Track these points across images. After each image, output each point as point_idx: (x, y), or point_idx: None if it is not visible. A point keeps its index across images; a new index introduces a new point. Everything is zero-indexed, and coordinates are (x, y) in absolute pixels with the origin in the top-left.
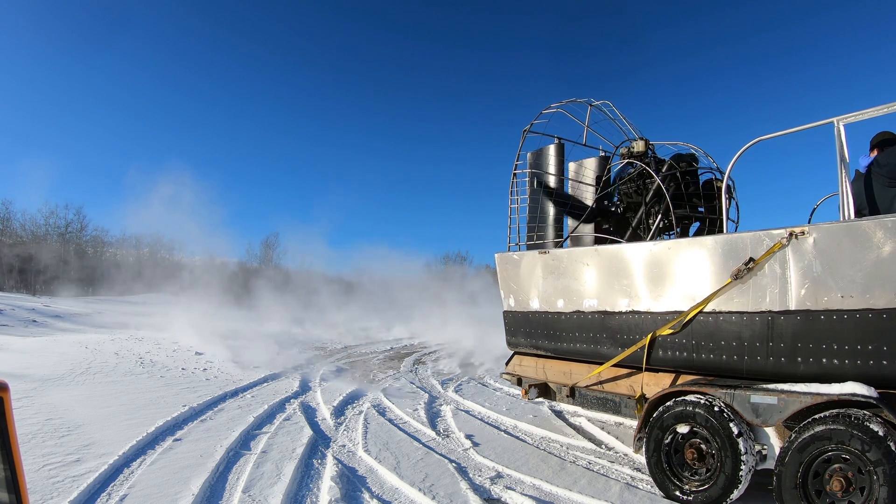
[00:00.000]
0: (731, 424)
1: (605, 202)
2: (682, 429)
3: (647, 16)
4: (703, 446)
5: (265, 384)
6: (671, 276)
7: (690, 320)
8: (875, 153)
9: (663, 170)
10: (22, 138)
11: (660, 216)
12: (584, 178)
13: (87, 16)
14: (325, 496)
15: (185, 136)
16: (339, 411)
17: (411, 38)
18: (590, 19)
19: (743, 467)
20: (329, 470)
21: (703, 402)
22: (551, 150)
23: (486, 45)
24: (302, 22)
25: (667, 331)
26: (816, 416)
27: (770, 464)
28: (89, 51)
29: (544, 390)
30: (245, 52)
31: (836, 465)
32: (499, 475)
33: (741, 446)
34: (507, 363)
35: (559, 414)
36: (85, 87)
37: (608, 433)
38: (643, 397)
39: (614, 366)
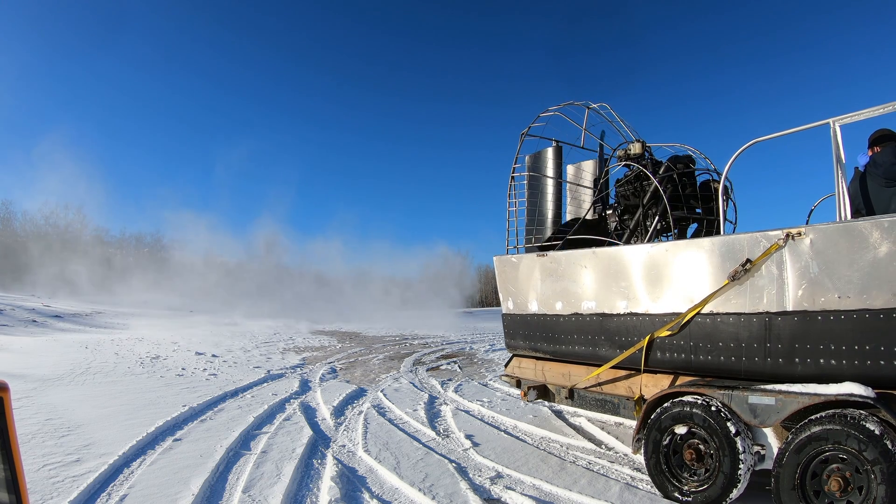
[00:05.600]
0: (729, 424)
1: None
2: (681, 429)
3: (647, 17)
4: (701, 447)
5: (265, 384)
6: (669, 277)
7: (688, 322)
8: (872, 151)
9: (660, 171)
10: (22, 138)
11: (657, 218)
12: (582, 181)
13: (88, 16)
14: (325, 496)
15: (184, 136)
16: (338, 411)
17: (411, 40)
18: (590, 20)
19: (741, 466)
20: (329, 470)
21: (700, 402)
22: (549, 153)
23: (486, 46)
24: (302, 22)
25: (665, 332)
26: (814, 417)
27: (768, 464)
28: (89, 51)
29: (543, 392)
30: (244, 53)
31: (833, 465)
32: (499, 475)
33: (739, 445)
34: (506, 365)
35: (559, 414)
36: (84, 87)
37: (608, 433)
38: (642, 398)
39: (613, 367)
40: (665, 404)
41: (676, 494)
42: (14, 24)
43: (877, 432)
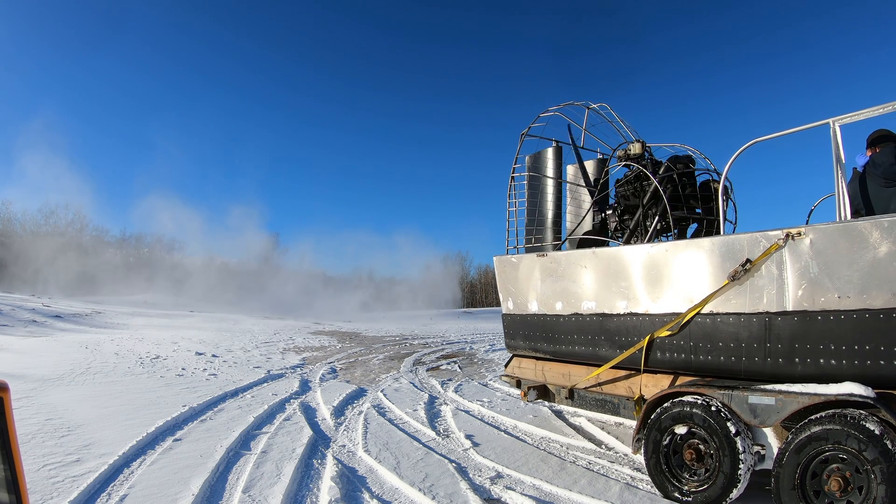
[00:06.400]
0: (729, 423)
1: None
2: (680, 430)
3: (647, 17)
4: (701, 447)
5: (265, 384)
6: (669, 277)
7: (688, 322)
8: (871, 152)
9: (660, 171)
10: (22, 139)
11: (657, 218)
12: (582, 181)
13: (88, 15)
14: (325, 496)
15: (183, 136)
16: (338, 411)
17: (411, 40)
18: (590, 20)
19: (741, 466)
20: (329, 470)
21: (700, 402)
22: (549, 154)
23: (486, 46)
24: (301, 22)
25: (665, 332)
26: (814, 417)
27: (768, 464)
28: (89, 51)
29: (543, 392)
30: (244, 53)
31: (833, 465)
32: (499, 475)
33: (739, 445)
34: (506, 365)
35: (559, 414)
36: (84, 87)
37: (608, 433)
38: (642, 398)
39: (613, 367)
40: (665, 404)
41: (676, 494)
42: (14, 23)
43: (877, 432)
